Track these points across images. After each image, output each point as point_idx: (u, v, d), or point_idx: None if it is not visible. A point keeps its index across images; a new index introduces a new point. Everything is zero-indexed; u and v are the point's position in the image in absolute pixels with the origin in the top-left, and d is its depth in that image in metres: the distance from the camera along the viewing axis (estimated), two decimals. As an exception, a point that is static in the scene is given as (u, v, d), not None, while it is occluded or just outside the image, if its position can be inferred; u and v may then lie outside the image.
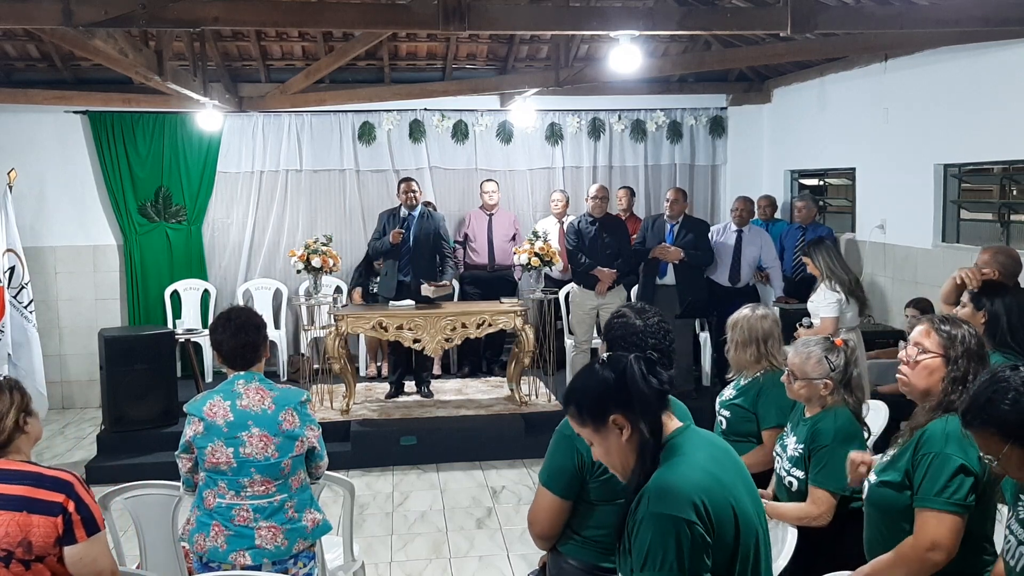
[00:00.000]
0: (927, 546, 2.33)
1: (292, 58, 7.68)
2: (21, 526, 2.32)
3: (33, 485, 2.36)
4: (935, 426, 2.43)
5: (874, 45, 5.88)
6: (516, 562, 4.63)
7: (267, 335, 3.11)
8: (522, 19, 4.96)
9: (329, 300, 6.94)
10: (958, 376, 2.48)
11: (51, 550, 2.36)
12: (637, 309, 2.54)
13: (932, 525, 2.33)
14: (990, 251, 4.24)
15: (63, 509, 2.35)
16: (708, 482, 1.80)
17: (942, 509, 2.32)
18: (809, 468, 2.92)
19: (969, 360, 2.49)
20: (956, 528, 2.32)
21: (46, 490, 2.36)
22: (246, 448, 2.87)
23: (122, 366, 6.09)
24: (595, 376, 1.92)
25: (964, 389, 2.46)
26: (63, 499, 2.36)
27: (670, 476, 1.79)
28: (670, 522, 1.73)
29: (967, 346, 2.50)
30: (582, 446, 2.34)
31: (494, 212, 7.77)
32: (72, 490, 2.38)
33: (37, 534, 2.33)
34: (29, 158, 7.42)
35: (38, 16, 4.09)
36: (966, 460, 2.35)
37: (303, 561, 3.00)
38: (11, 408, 2.43)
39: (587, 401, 1.91)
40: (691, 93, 8.37)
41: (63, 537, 2.36)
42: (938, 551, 2.32)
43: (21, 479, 2.37)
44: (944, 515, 2.32)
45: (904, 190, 6.30)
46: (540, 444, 6.59)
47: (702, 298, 6.69)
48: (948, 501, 2.32)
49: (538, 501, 2.44)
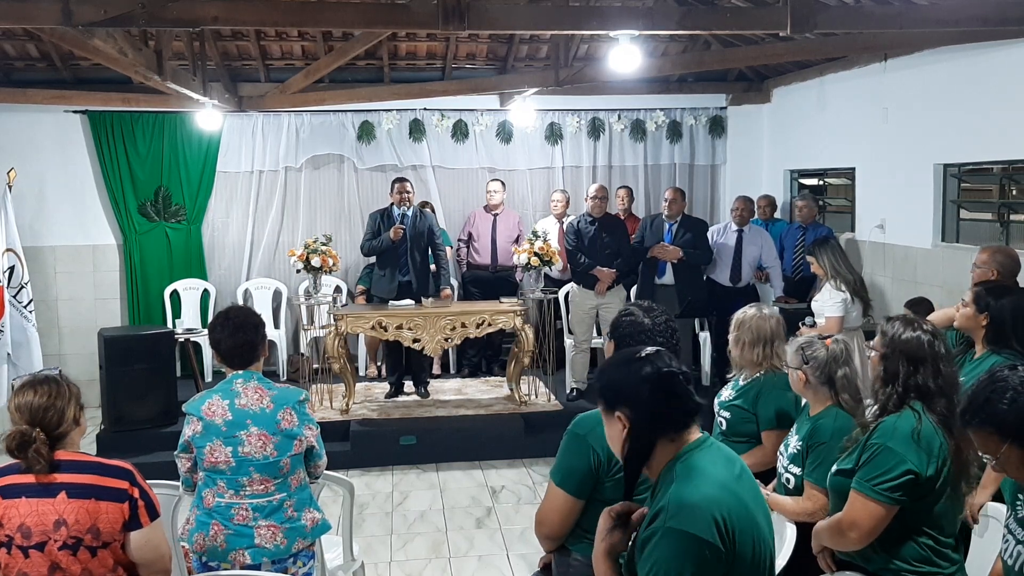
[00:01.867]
0: (847, 525, 2.50)
1: (292, 58, 7.68)
2: (91, 513, 2.39)
3: (98, 473, 2.44)
4: (889, 421, 2.54)
5: (874, 45, 5.89)
6: (516, 562, 4.63)
7: (266, 334, 3.11)
8: (522, 19, 4.96)
9: (329, 300, 6.94)
10: (886, 376, 2.59)
11: (117, 536, 2.43)
12: (645, 308, 2.55)
13: (857, 507, 2.48)
14: (989, 251, 4.25)
15: (129, 495, 2.43)
16: (729, 500, 1.75)
17: (868, 495, 2.45)
18: (805, 465, 2.92)
19: (901, 362, 2.57)
20: (877, 516, 2.45)
21: (111, 477, 2.44)
22: (245, 447, 2.88)
23: (122, 366, 6.09)
24: (630, 366, 1.87)
25: (892, 388, 2.54)
26: (127, 486, 2.44)
27: (691, 492, 1.74)
28: (689, 540, 1.69)
29: (903, 347, 2.58)
30: (597, 445, 2.34)
31: (499, 212, 7.75)
32: (133, 477, 2.47)
33: (105, 520, 2.40)
34: (29, 158, 7.42)
35: (38, 16, 4.09)
36: (908, 457, 2.44)
37: (302, 560, 3.00)
38: (71, 400, 2.49)
39: (608, 384, 1.90)
40: (691, 93, 8.36)
41: (129, 522, 2.44)
42: (855, 531, 2.48)
43: (86, 468, 2.44)
44: (869, 501, 2.45)
45: (904, 190, 6.30)
46: (540, 444, 6.63)
47: (701, 298, 6.69)
48: (877, 489, 2.45)
49: (549, 501, 2.42)
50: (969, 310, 3.45)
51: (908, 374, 2.55)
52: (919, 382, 2.55)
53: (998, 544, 2.42)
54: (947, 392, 2.56)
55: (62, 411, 2.45)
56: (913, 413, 2.52)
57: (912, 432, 2.46)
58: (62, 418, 2.45)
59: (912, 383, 2.55)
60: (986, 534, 2.83)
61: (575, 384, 6.95)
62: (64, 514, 2.38)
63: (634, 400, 1.82)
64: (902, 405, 2.55)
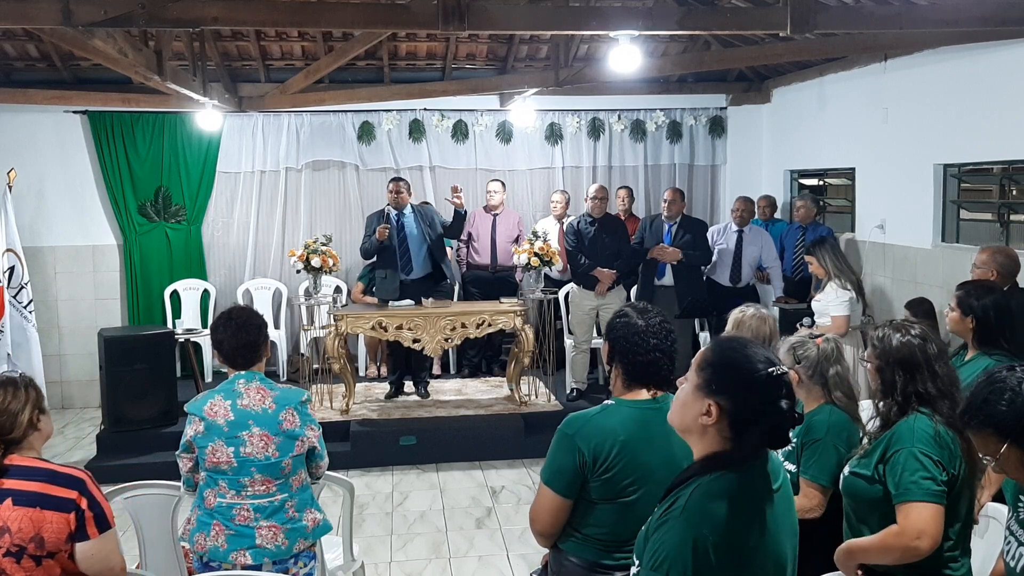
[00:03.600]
0: (915, 534, 2.40)
1: (292, 58, 7.68)
2: (34, 522, 2.34)
3: (47, 481, 2.39)
4: (904, 427, 2.51)
5: (874, 45, 5.89)
6: (516, 562, 4.63)
7: (268, 335, 3.11)
8: (522, 19, 4.96)
9: (329, 300, 6.94)
10: (884, 389, 2.58)
11: (63, 546, 2.38)
12: (639, 309, 2.55)
13: (923, 515, 2.40)
14: (989, 251, 4.25)
15: (76, 506, 2.38)
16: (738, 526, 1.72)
17: (924, 499, 2.40)
18: (800, 462, 2.93)
19: (896, 372, 2.56)
20: (940, 517, 2.41)
21: (59, 487, 2.38)
22: (246, 448, 2.88)
23: (122, 366, 6.09)
24: (746, 351, 1.76)
25: (892, 399, 2.53)
26: (76, 496, 2.38)
27: (712, 502, 1.69)
28: (695, 538, 1.65)
29: (895, 356, 2.57)
30: (584, 445, 2.35)
31: (498, 212, 7.75)
32: (85, 487, 2.41)
33: (50, 530, 2.35)
34: (29, 158, 7.42)
35: (38, 16, 4.09)
36: (942, 458, 2.43)
37: (303, 561, 3.00)
38: (26, 404, 2.45)
39: (717, 363, 1.75)
40: (691, 93, 8.37)
41: (75, 533, 2.38)
42: (925, 539, 2.40)
43: (35, 475, 2.39)
44: (930, 505, 2.40)
45: (904, 190, 6.30)
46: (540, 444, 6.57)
47: (701, 298, 6.69)
48: (931, 492, 2.41)
49: (539, 499, 2.45)
50: (956, 314, 3.46)
51: (905, 383, 2.54)
52: (918, 389, 2.54)
53: (998, 544, 2.43)
54: (948, 392, 2.55)
55: (15, 415, 2.42)
56: (925, 416, 2.51)
57: (934, 433, 2.46)
58: (14, 423, 2.41)
59: (911, 391, 2.54)
60: (986, 534, 2.83)
61: (575, 384, 6.96)
62: (8, 521, 2.33)
63: (740, 407, 1.71)
64: (904, 413, 2.54)
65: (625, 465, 2.33)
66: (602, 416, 2.41)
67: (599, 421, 2.39)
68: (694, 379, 1.78)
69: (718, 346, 1.83)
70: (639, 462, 2.34)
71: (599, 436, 2.35)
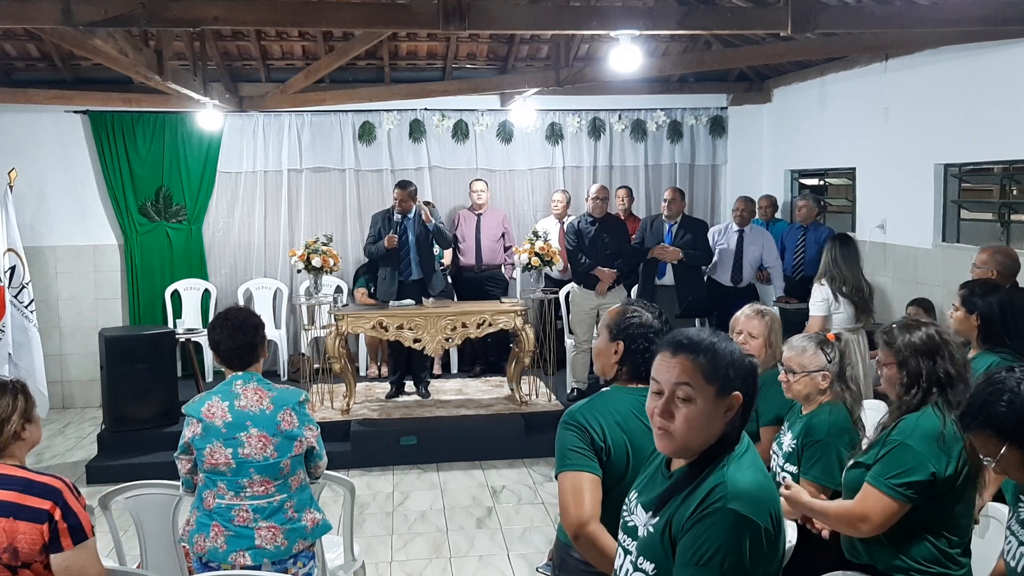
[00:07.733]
0: (859, 517, 2.51)
1: (292, 58, 7.68)
2: (7, 532, 2.30)
3: (21, 491, 2.33)
4: (910, 419, 2.55)
5: (874, 45, 5.88)
6: (516, 562, 4.63)
7: (265, 335, 3.10)
8: (522, 19, 4.96)
9: (329, 300, 6.95)
10: (910, 380, 2.60)
11: (37, 557, 2.33)
12: (646, 307, 2.55)
13: (871, 501, 2.49)
14: (989, 251, 4.25)
15: (49, 516, 2.32)
16: (776, 496, 1.79)
17: (883, 491, 2.47)
18: (801, 463, 2.92)
19: (920, 360, 2.59)
20: (890, 511, 2.46)
21: (34, 496, 2.33)
22: (245, 449, 2.88)
23: (122, 366, 6.09)
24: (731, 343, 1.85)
25: (918, 387, 2.57)
26: (50, 506, 2.32)
27: (752, 479, 1.74)
28: (750, 526, 1.67)
29: (916, 347, 2.60)
30: (585, 420, 2.34)
31: (483, 212, 7.76)
32: (60, 497, 2.34)
33: (23, 541, 2.30)
34: (29, 158, 7.42)
35: (38, 16, 4.09)
36: (930, 460, 2.43)
37: (303, 561, 3.00)
38: (13, 413, 2.41)
39: (733, 364, 1.81)
40: (691, 93, 8.36)
41: (49, 544, 2.32)
42: (866, 524, 2.50)
43: (10, 484, 2.35)
44: (884, 496, 2.47)
45: (904, 190, 6.30)
46: (540, 444, 6.63)
47: (701, 298, 6.69)
48: (890, 485, 2.46)
49: (561, 492, 2.33)
50: (960, 313, 3.46)
51: (931, 368, 2.57)
52: (942, 371, 2.56)
53: (998, 544, 2.42)
54: (964, 376, 2.58)
55: (1, 424, 2.38)
56: (936, 412, 2.51)
57: (937, 434, 2.46)
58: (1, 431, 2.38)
59: (936, 374, 2.56)
60: (987, 534, 2.83)
61: (575, 384, 6.95)
62: None
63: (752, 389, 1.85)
64: (925, 402, 2.55)
65: (622, 447, 2.32)
66: (598, 399, 2.44)
67: (596, 402, 2.42)
68: (709, 392, 1.79)
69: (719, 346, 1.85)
70: (636, 446, 2.32)
71: (598, 412, 2.36)
